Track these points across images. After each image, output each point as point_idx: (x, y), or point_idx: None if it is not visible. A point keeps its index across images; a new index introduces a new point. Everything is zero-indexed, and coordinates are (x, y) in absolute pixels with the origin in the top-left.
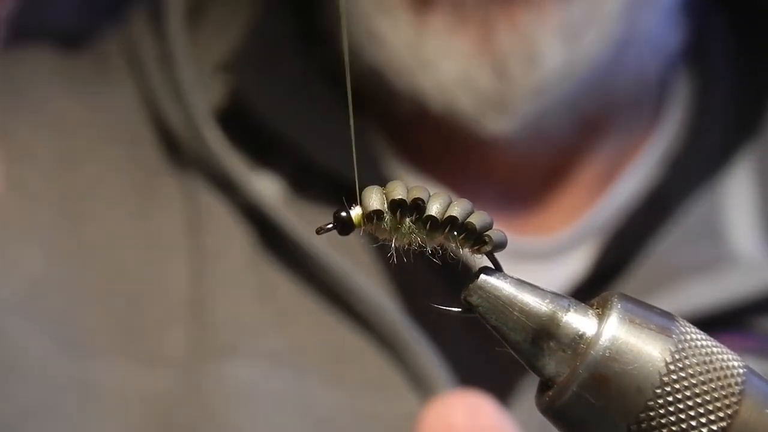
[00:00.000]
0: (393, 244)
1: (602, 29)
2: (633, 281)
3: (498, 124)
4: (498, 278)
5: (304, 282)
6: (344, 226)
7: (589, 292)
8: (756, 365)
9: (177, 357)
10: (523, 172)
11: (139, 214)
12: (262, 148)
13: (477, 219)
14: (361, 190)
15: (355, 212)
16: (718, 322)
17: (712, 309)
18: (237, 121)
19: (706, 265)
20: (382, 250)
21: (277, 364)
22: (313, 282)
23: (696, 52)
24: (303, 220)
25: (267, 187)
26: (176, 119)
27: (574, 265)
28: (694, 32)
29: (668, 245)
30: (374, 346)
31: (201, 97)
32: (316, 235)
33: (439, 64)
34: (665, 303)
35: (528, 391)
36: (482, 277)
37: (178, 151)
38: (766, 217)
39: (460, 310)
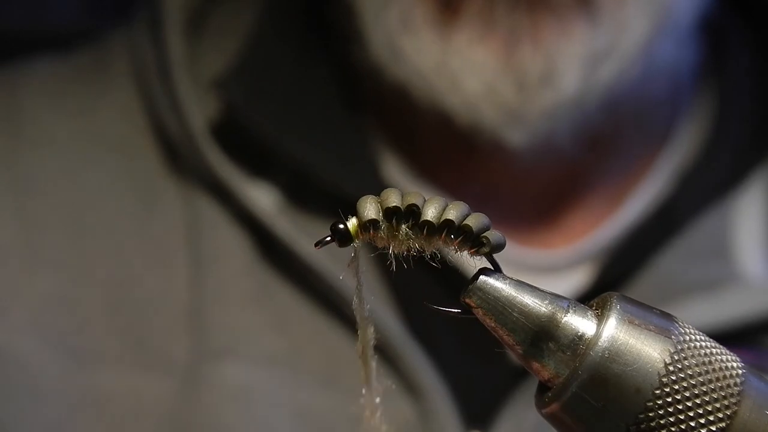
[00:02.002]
0: (391, 252)
1: (621, 62)
2: (636, 295)
3: (514, 135)
4: (497, 279)
5: (300, 288)
6: (342, 238)
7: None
8: None
9: (181, 362)
10: (530, 187)
11: (140, 223)
12: (258, 159)
13: (474, 221)
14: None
15: (352, 223)
16: (720, 341)
17: (714, 328)
18: (233, 134)
19: (711, 283)
20: (378, 257)
21: (274, 366)
22: (309, 288)
23: (715, 69)
24: (299, 229)
25: (263, 197)
26: (174, 128)
27: (575, 282)
28: (713, 49)
29: (674, 261)
30: None
31: (197, 108)
32: (311, 244)
33: (464, 79)
34: None
35: (519, 400)
36: (481, 278)
37: (177, 158)
38: None
39: (459, 311)
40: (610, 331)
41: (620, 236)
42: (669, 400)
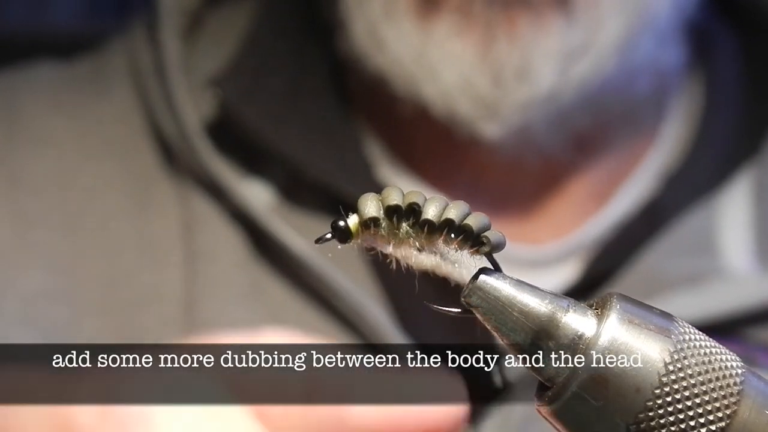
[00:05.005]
0: (391, 251)
1: (596, 59)
2: (621, 289)
3: (489, 129)
4: (497, 279)
5: (292, 283)
6: (342, 235)
7: (578, 298)
8: None
9: None
10: (513, 181)
11: (135, 221)
12: (253, 157)
13: (474, 220)
14: (356, 199)
15: (352, 221)
16: (704, 332)
17: (699, 320)
18: (228, 132)
19: (696, 277)
20: (371, 255)
21: None
22: (302, 284)
23: (701, 71)
24: (293, 227)
25: (258, 194)
26: (169, 128)
27: (562, 277)
28: (699, 51)
29: (660, 256)
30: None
31: (192, 107)
32: (304, 240)
33: (442, 70)
34: None
35: (508, 395)
36: (481, 277)
37: (173, 157)
38: (760, 236)
39: (459, 310)
40: (610, 331)
41: (607, 232)
42: (669, 399)
